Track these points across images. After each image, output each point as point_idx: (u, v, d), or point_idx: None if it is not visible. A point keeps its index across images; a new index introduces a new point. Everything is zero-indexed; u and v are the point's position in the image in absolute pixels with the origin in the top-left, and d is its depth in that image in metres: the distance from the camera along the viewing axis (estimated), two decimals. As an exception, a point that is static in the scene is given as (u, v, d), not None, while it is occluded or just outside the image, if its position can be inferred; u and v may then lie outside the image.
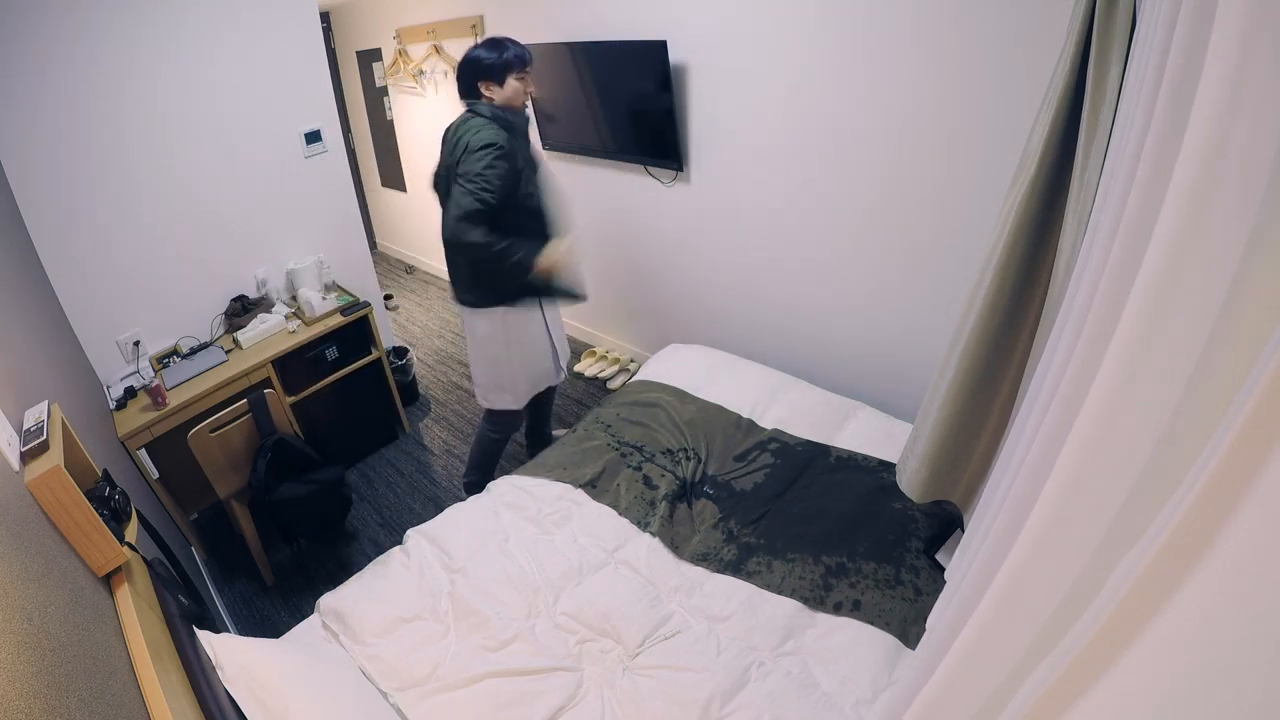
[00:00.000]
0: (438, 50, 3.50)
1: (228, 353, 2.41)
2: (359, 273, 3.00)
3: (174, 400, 2.16)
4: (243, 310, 2.60)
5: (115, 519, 1.20)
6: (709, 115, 2.41)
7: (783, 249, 2.43)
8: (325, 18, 4.45)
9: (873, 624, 1.45)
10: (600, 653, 1.47)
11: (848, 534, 1.67)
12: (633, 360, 3.33)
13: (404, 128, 4.32)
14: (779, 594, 1.55)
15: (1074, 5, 1.04)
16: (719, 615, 1.51)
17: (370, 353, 2.74)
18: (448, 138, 1.93)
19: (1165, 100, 0.57)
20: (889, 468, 1.84)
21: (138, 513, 1.34)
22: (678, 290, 2.95)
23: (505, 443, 2.37)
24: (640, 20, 2.41)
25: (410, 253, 5.02)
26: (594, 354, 3.37)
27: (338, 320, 2.58)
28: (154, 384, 2.11)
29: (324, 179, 2.80)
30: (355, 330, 2.65)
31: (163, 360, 2.42)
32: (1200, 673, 0.46)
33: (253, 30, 2.43)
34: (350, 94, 4.76)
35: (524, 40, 2.75)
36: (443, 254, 1.98)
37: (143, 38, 2.17)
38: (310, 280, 2.71)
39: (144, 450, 2.10)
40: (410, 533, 1.81)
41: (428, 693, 1.38)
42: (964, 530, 1.56)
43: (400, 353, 3.23)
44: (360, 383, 2.75)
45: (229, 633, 1.35)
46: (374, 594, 1.61)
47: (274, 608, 2.21)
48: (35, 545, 0.92)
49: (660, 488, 1.87)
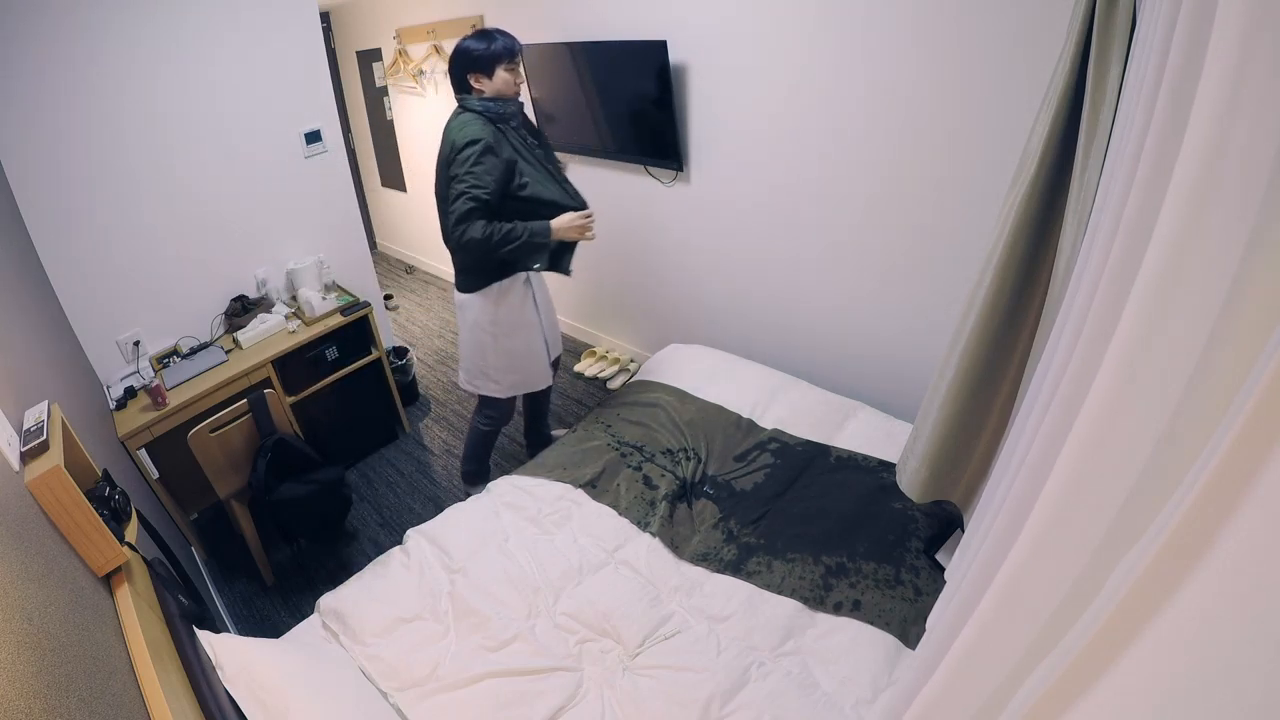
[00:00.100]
0: (438, 50, 3.50)
1: (228, 353, 2.41)
2: (359, 273, 3.00)
3: (174, 400, 2.16)
4: (243, 310, 2.60)
5: (115, 519, 1.20)
6: (709, 115, 2.41)
7: (783, 249, 2.43)
8: (325, 18, 4.45)
9: (873, 624, 1.45)
10: (600, 653, 1.47)
11: (848, 534, 1.67)
12: (633, 360, 3.33)
13: (404, 128, 4.32)
14: (779, 594, 1.55)
15: (1074, 5, 1.04)
16: (719, 615, 1.51)
17: (370, 353, 2.74)
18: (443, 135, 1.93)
19: (1165, 100, 0.57)
20: (889, 468, 1.84)
21: (138, 513, 1.34)
22: (678, 290, 2.95)
23: (496, 434, 2.37)
24: (640, 20, 2.41)
25: (410, 253, 5.03)
26: (594, 354, 3.37)
27: (338, 320, 2.58)
28: (154, 384, 2.11)
29: (324, 179, 2.80)
30: (355, 330, 2.65)
31: (163, 360, 2.42)
32: (1200, 673, 0.46)
33: (253, 30, 2.43)
34: (350, 94, 4.76)
35: (524, 40, 2.77)
36: (442, 254, 1.97)
37: (143, 38, 2.17)
38: (310, 280, 2.71)
39: (144, 450, 2.10)
40: (410, 533, 1.81)
41: (428, 693, 1.38)
42: (964, 530, 1.56)
43: (400, 353, 3.23)
44: (360, 383, 2.75)
45: (229, 633, 1.35)
46: (374, 594, 1.61)
47: (274, 608, 2.21)
48: (35, 545, 0.92)
49: (660, 488, 1.87)
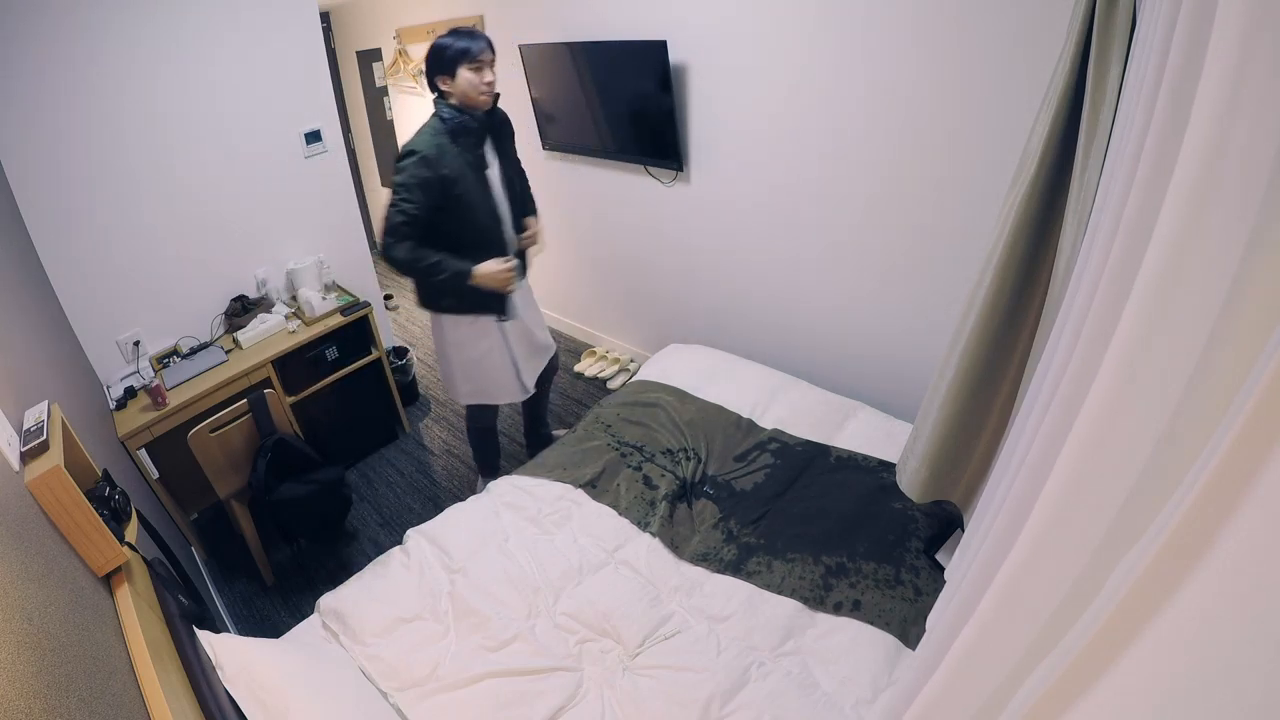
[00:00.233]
0: (438, 50, 3.50)
1: (228, 353, 2.41)
2: (359, 273, 3.00)
3: (174, 400, 2.16)
4: (243, 310, 2.60)
5: (115, 519, 1.20)
6: (709, 115, 2.41)
7: (783, 249, 2.43)
8: (325, 18, 4.45)
9: (873, 624, 1.45)
10: (600, 653, 1.47)
11: (848, 534, 1.67)
12: (633, 360, 3.33)
13: (404, 128, 4.32)
14: (779, 594, 1.54)
15: (1074, 5, 1.04)
16: (719, 615, 1.51)
17: (370, 353, 2.74)
18: None
19: (1165, 100, 0.57)
20: (889, 468, 1.84)
21: (138, 513, 1.34)
22: (678, 290, 2.95)
23: (488, 433, 2.37)
24: (640, 20, 2.41)
25: (410, 253, 5.02)
26: (594, 354, 3.37)
27: (338, 320, 2.58)
28: (154, 384, 2.11)
29: (324, 179, 2.80)
30: (355, 330, 2.65)
31: (163, 360, 2.42)
32: (1200, 673, 0.46)
33: (253, 30, 2.43)
34: (350, 94, 4.76)
35: (524, 40, 2.78)
36: None
37: (143, 38, 2.17)
38: (310, 280, 2.71)
39: (144, 450, 2.10)
40: (410, 533, 1.81)
41: (428, 693, 1.38)
42: (964, 530, 1.56)
43: (400, 353, 3.23)
44: (360, 383, 2.75)
45: (229, 633, 1.35)
46: (374, 594, 1.61)
47: (274, 608, 2.21)
48: (35, 545, 0.92)
49: (660, 488, 1.87)
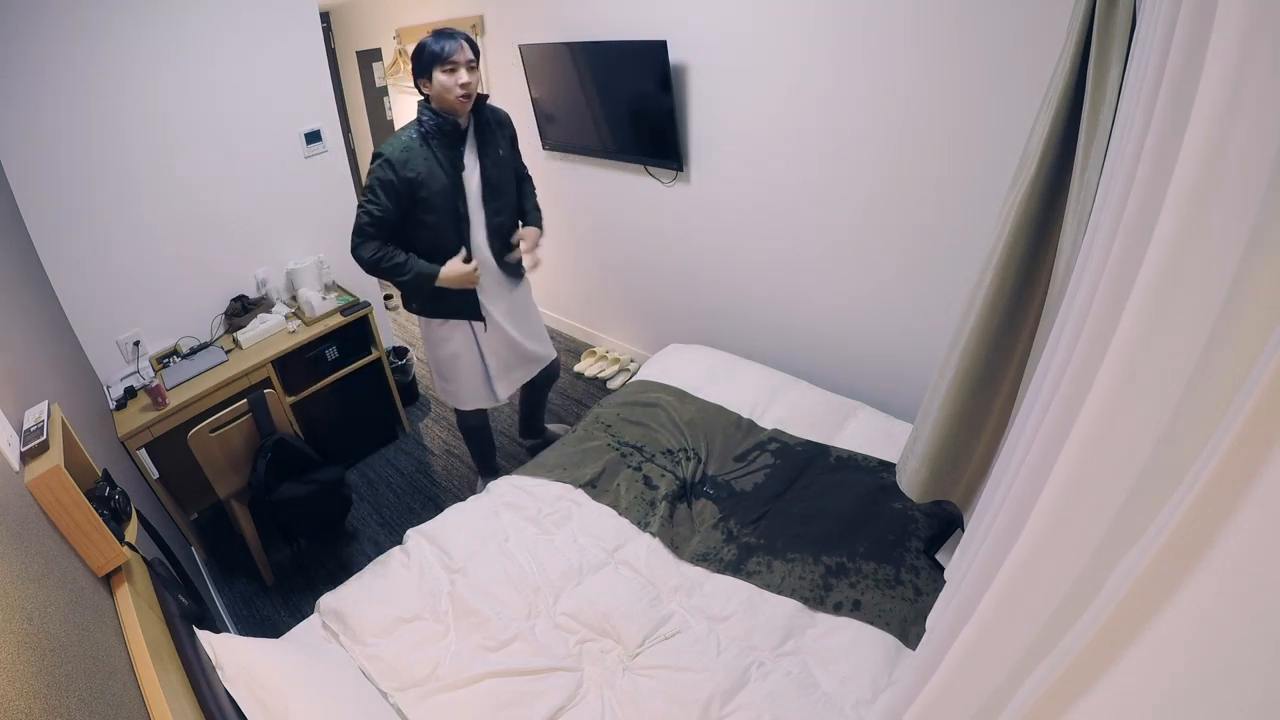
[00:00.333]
0: (438, 50, 3.49)
1: (228, 353, 2.41)
2: (359, 273, 2.92)
3: (174, 400, 2.16)
4: (243, 310, 2.60)
5: (115, 519, 1.20)
6: (709, 115, 2.41)
7: (782, 249, 2.43)
8: (325, 18, 4.45)
9: (873, 624, 1.45)
10: (600, 653, 1.47)
11: (848, 534, 1.67)
12: (633, 360, 3.33)
13: (404, 128, 4.32)
14: (779, 594, 1.54)
15: (1074, 5, 1.04)
16: (719, 615, 1.51)
17: (370, 353, 2.74)
18: None
19: (1165, 100, 0.57)
20: (889, 468, 1.84)
21: (138, 513, 1.34)
22: (678, 290, 2.95)
23: (474, 432, 2.38)
24: (640, 20, 2.40)
25: (410, 253, 5.02)
26: (594, 354, 3.37)
27: (338, 320, 2.58)
28: (154, 384, 2.11)
29: (324, 179, 2.80)
30: (355, 330, 2.65)
31: (163, 360, 2.42)
32: (1200, 673, 0.46)
33: (253, 30, 2.43)
34: (350, 94, 4.76)
35: (524, 40, 2.78)
36: None
37: (143, 38, 2.17)
38: (310, 280, 2.71)
39: (144, 450, 2.10)
40: (410, 533, 1.81)
41: (428, 693, 1.38)
42: (964, 530, 1.56)
43: (400, 353, 3.23)
44: (360, 383, 2.75)
45: (229, 633, 1.35)
46: (374, 594, 1.61)
47: (274, 608, 2.21)
48: (35, 545, 0.92)
49: (660, 488, 1.87)
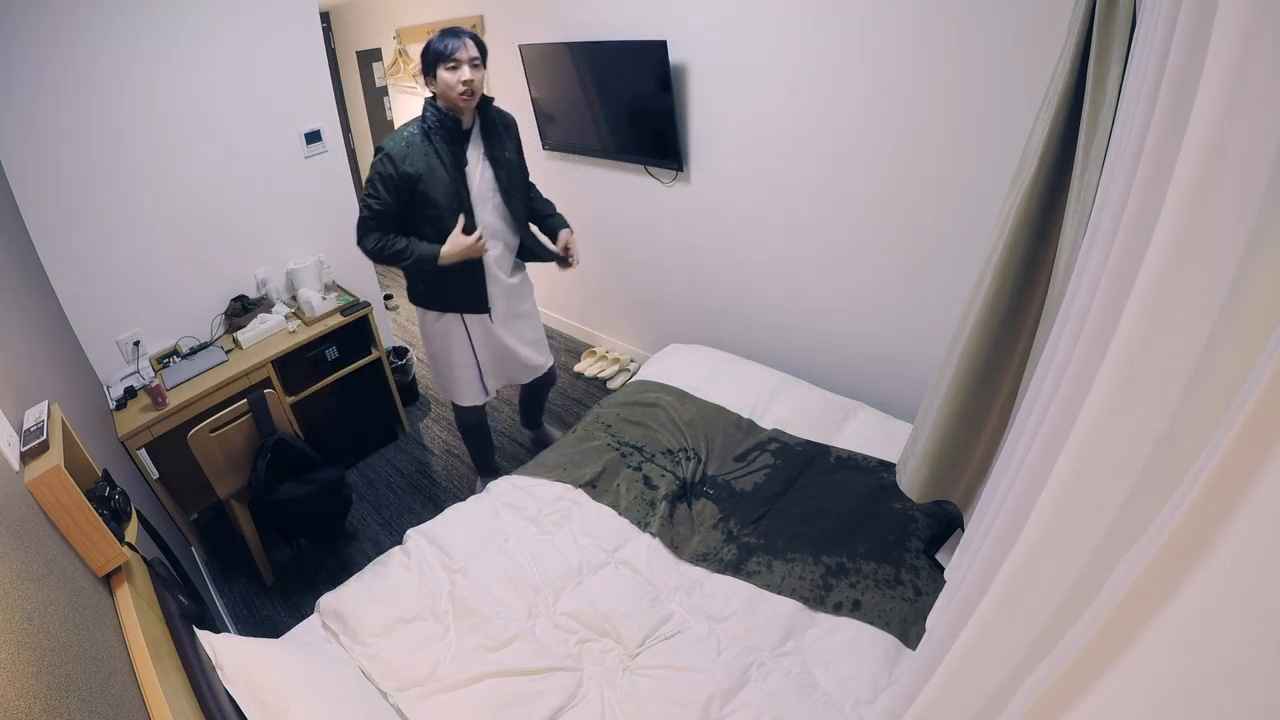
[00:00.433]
0: (438, 50, 3.49)
1: (228, 353, 2.41)
2: (359, 273, 3.00)
3: (174, 400, 2.16)
4: (243, 310, 2.60)
5: (115, 519, 1.20)
6: (709, 115, 2.41)
7: (782, 249, 2.43)
8: (325, 18, 4.45)
9: (873, 624, 1.45)
10: (600, 653, 1.47)
11: (848, 534, 1.67)
12: (633, 360, 3.33)
13: (404, 128, 4.32)
14: (779, 594, 1.54)
15: (1074, 5, 1.04)
16: (719, 615, 1.51)
17: (370, 353, 2.74)
18: None
19: (1165, 100, 0.57)
20: (889, 468, 1.84)
21: (138, 513, 1.34)
22: (678, 290, 2.95)
23: (471, 430, 2.38)
24: (640, 20, 2.40)
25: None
26: (594, 354, 3.37)
27: (338, 320, 2.58)
28: (154, 384, 2.11)
29: (324, 179, 2.80)
30: (355, 330, 2.65)
31: (163, 360, 2.42)
32: (1200, 673, 0.46)
33: (253, 30, 2.43)
34: (350, 94, 4.77)
35: (524, 40, 2.78)
36: None
37: (143, 38, 2.17)
38: (310, 280, 2.71)
39: (144, 450, 2.10)
40: (410, 533, 1.81)
41: (428, 693, 1.38)
42: (964, 530, 1.56)
43: (400, 353, 3.23)
44: (360, 383, 2.75)
45: (229, 633, 1.35)
46: (374, 594, 1.61)
47: (274, 608, 2.21)
48: (35, 545, 0.92)
49: (660, 488, 1.87)
